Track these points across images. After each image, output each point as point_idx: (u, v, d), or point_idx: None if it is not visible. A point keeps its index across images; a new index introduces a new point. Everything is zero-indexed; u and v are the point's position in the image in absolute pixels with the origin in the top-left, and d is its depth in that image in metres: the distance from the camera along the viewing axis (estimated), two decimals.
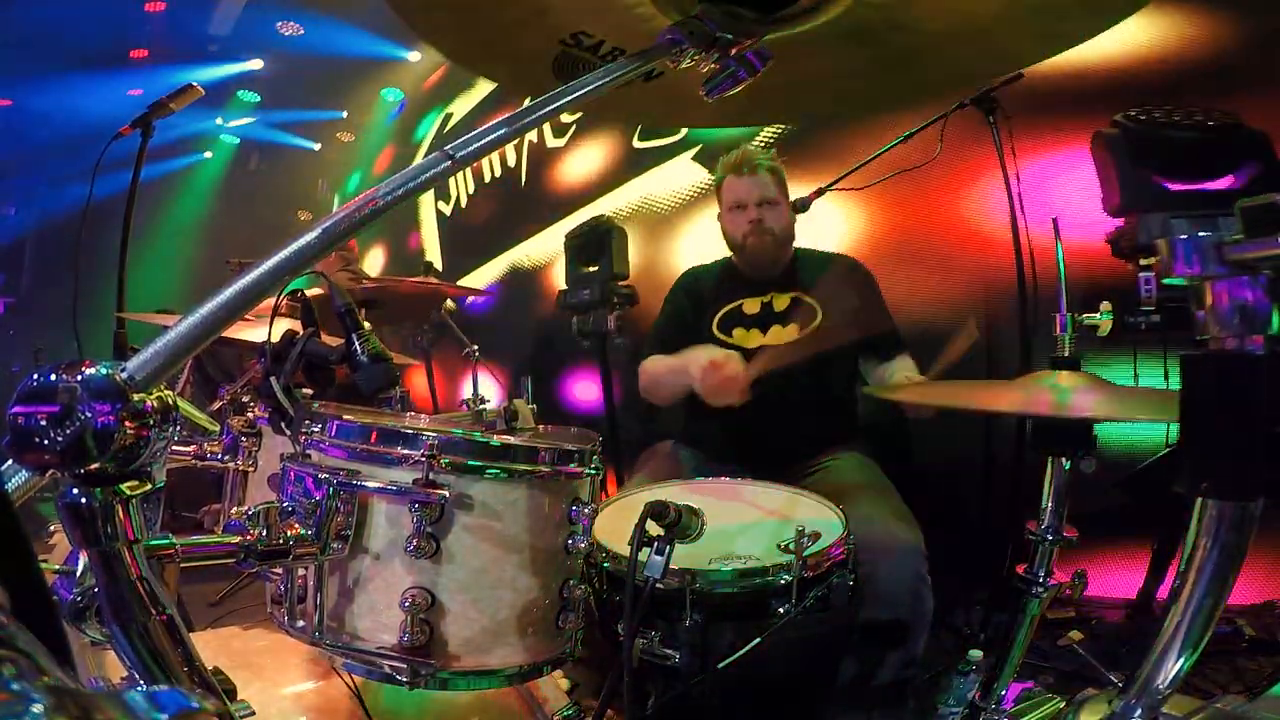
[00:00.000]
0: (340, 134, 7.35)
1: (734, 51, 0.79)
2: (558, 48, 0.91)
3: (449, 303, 3.44)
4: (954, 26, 0.86)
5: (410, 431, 0.90)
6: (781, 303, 1.95)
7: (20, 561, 0.37)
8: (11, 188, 6.84)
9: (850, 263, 2.10)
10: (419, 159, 0.67)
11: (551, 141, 4.41)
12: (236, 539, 0.77)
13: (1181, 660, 0.66)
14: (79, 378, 0.52)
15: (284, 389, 0.90)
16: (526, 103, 0.72)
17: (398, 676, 0.87)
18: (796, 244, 2.05)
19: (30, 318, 6.37)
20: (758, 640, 1.08)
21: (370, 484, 0.87)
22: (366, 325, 0.93)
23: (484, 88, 5.20)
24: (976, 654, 1.70)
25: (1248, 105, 2.17)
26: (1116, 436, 2.26)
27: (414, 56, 6.39)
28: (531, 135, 4.46)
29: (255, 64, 6.52)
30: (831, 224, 2.86)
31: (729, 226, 1.99)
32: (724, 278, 2.06)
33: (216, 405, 1.33)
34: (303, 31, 6.18)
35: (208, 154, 7.37)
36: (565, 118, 4.19)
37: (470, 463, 0.90)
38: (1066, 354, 1.15)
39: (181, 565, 0.67)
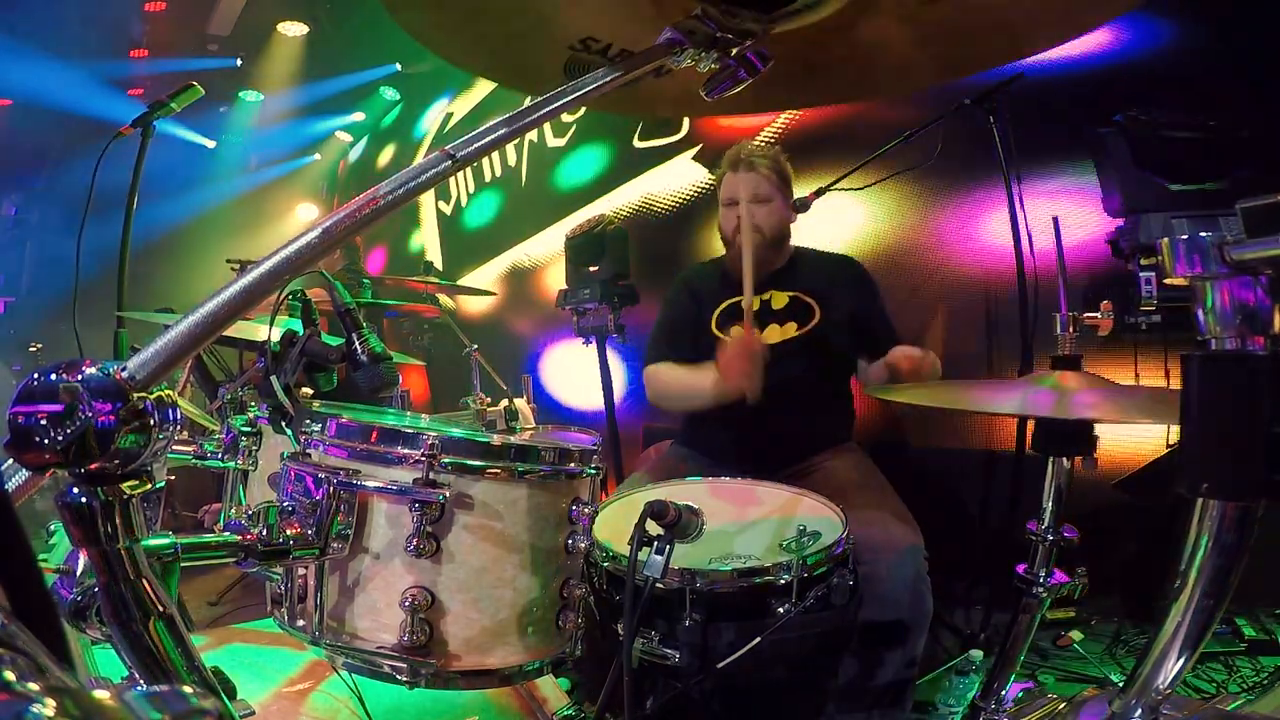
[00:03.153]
0: (339, 133, 7.35)
1: (735, 51, 0.79)
2: (567, 53, 0.90)
3: (448, 301, 3.44)
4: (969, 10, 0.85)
5: (410, 431, 0.90)
6: (780, 300, 1.95)
7: (20, 561, 0.37)
8: (12, 187, 6.84)
9: (849, 263, 2.10)
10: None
11: (551, 141, 4.41)
12: (236, 539, 0.77)
13: (1181, 660, 0.66)
14: (79, 377, 0.52)
15: (284, 388, 0.90)
16: (527, 102, 0.72)
17: (398, 676, 0.87)
18: (797, 244, 2.05)
19: (30, 318, 6.37)
20: (757, 640, 1.08)
21: (370, 483, 0.87)
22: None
23: (484, 87, 5.20)
24: (977, 654, 1.71)
25: (1247, 106, 2.17)
26: (1117, 436, 2.26)
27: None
28: (532, 135, 4.46)
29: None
30: (831, 224, 2.86)
31: (721, 222, 1.99)
32: (722, 275, 2.06)
33: (216, 405, 1.32)
34: (306, 31, 6.18)
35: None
36: (566, 117, 4.19)
37: (470, 462, 0.90)
38: (1067, 354, 1.15)
39: (181, 565, 0.67)
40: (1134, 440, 2.26)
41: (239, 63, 6.41)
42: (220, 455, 1.23)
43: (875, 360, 1.92)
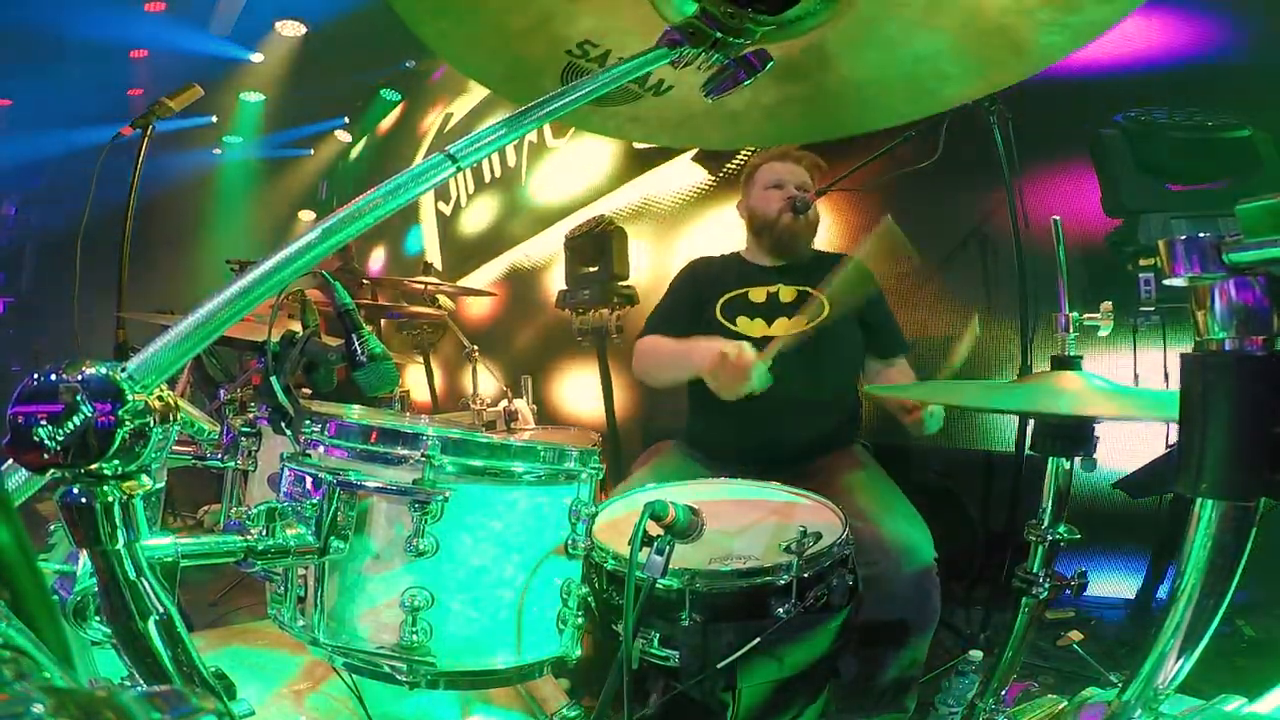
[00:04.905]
0: (339, 132, 7.35)
1: (734, 52, 0.79)
2: (565, 59, 0.91)
3: (448, 302, 3.44)
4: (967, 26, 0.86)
5: (410, 431, 0.90)
6: (788, 295, 1.94)
7: (20, 561, 0.37)
8: (12, 187, 6.85)
9: (861, 264, 2.10)
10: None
11: (551, 141, 4.41)
12: (236, 539, 0.77)
13: (1181, 660, 0.66)
14: (79, 377, 0.52)
15: (284, 389, 0.90)
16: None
17: (398, 676, 0.87)
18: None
19: (30, 318, 6.37)
20: (757, 640, 1.08)
21: (370, 484, 0.87)
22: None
23: (482, 89, 5.20)
24: (977, 654, 1.70)
25: (1248, 107, 2.17)
26: (1117, 436, 2.26)
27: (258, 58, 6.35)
28: (531, 135, 4.46)
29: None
30: (832, 224, 2.86)
31: (762, 205, 1.99)
32: (732, 266, 2.06)
33: (216, 405, 1.32)
34: (304, 31, 6.18)
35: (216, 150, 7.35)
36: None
37: (470, 462, 0.90)
38: (1067, 354, 1.15)
39: (181, 565, 0.67)
40: (1134, 440, 2.26)
41: (260, 57, 6.40)
42: (220, 455, 1.23)
43: (880, 361, 1.92)
